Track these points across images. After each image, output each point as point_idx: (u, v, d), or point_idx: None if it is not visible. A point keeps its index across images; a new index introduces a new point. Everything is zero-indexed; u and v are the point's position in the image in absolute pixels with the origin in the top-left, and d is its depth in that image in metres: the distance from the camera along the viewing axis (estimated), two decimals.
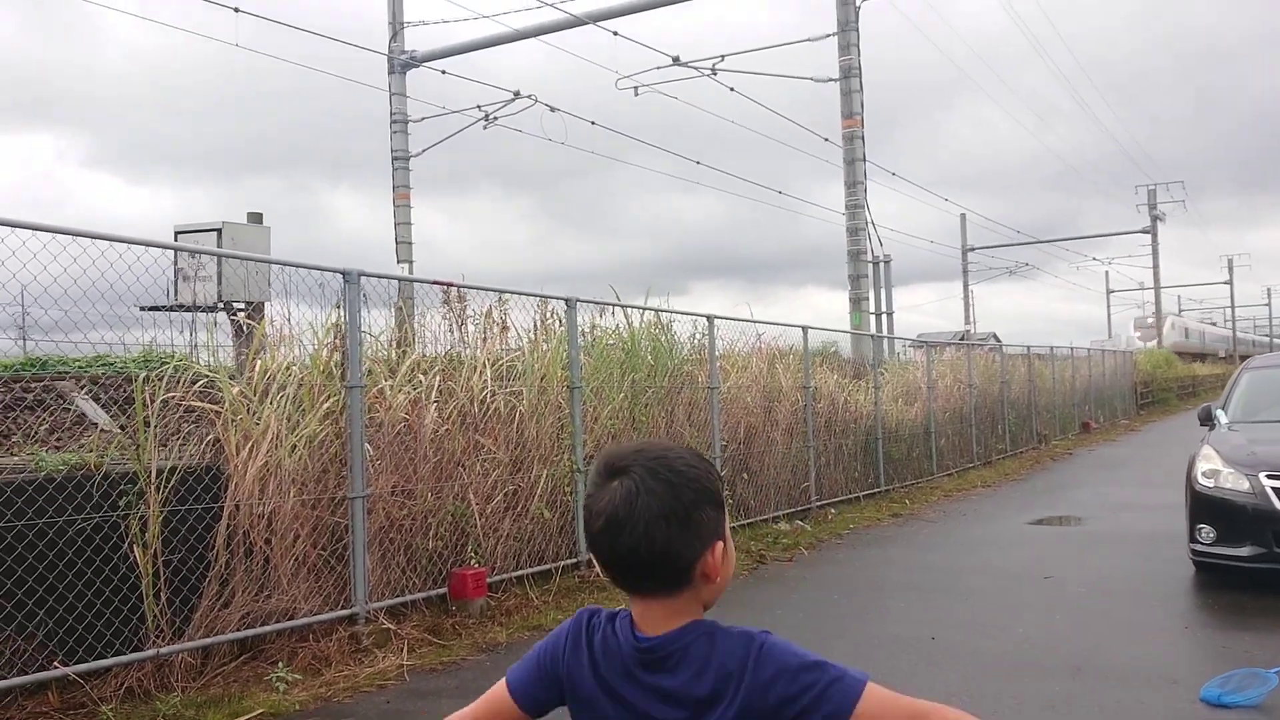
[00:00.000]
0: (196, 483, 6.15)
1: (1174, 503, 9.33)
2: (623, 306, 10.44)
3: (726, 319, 11.71)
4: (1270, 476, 7.66)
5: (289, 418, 6.65)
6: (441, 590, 7.39)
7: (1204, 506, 7.98)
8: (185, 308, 8.41)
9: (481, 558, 7.69)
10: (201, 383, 6.49)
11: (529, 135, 21.07)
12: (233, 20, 15.96)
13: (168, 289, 7.64)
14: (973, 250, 51.03)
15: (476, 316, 8.86)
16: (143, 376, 6.03)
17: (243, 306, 8.82)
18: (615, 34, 19.28)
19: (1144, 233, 55.34)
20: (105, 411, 8.08)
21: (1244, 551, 7.64)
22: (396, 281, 8.49)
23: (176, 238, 10.05)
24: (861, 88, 19.54)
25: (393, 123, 22.48)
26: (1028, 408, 23.19)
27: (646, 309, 10.78)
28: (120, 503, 5.74)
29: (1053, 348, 27.61)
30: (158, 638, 5.78)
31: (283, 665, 6.04)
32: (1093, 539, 10.74)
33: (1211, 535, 7.86)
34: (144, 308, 6.90)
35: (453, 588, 7.38)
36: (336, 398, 6.89)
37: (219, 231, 10.04)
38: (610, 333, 10.31)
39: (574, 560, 8.70)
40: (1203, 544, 7.92)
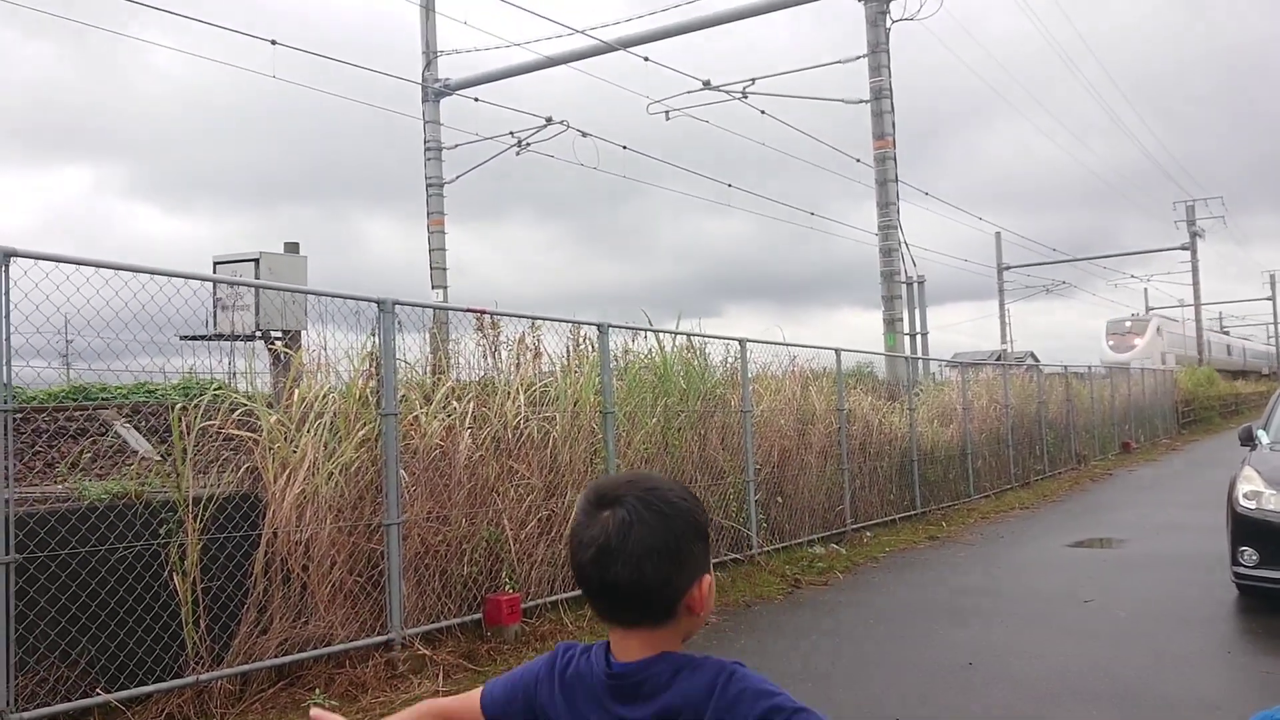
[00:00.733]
0: (235, 510, 6.24)
1: (1216, 524, 9.19)
2: (655, 331, 10.48)
3: (759, 342, 11.71)
4: None
5: (325, 445, 6.73)
6: (476, 616, 7.42)
7: (1246, 528, 7.86)
8: (224, 337, 8.54)
9: (516, 583, 7.72)
10: (240, 411, 6.59)
11: (561, 160, 21.24)
12: (270, 52, 16.24)
13: (207, 318, 7.77)
14: (1008, 269, 50.66)
15: (510, 342, 8.93)
16: (179, 406, 6.14)
17: (280, 335, 8.95)
18: (646, 59, 19.44)
19: (1183, 249, 54.74)
20: (146, 439, 8.21)
21: None
22: (430, 309, 8.58)
23: (215, 268, 10.23)
24: (893, 109, 19.52)
25: (427, 150, 22.73)
26: (1066, 428, 22.93)
27: (679, 333, 10.81)
28: (161, 530, 5.83)
29: (1090, 367, 27.30)
30: (198, 664, 5.85)
31: (319, 692, 6.10)
32: (1133, 562, 10.59)
33: (1254, 558, 7.73)
34: (184, 337, 7.03)
35: (488, 613, 7.41)
36: (372, 425, 6.97)
37: (257, 261, 10.20)
38: (643, 357, 10.34)
39: None
40: (1245, 567, 7.80)
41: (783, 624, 8.19)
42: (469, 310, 8.48)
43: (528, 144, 21.95)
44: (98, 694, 5.41)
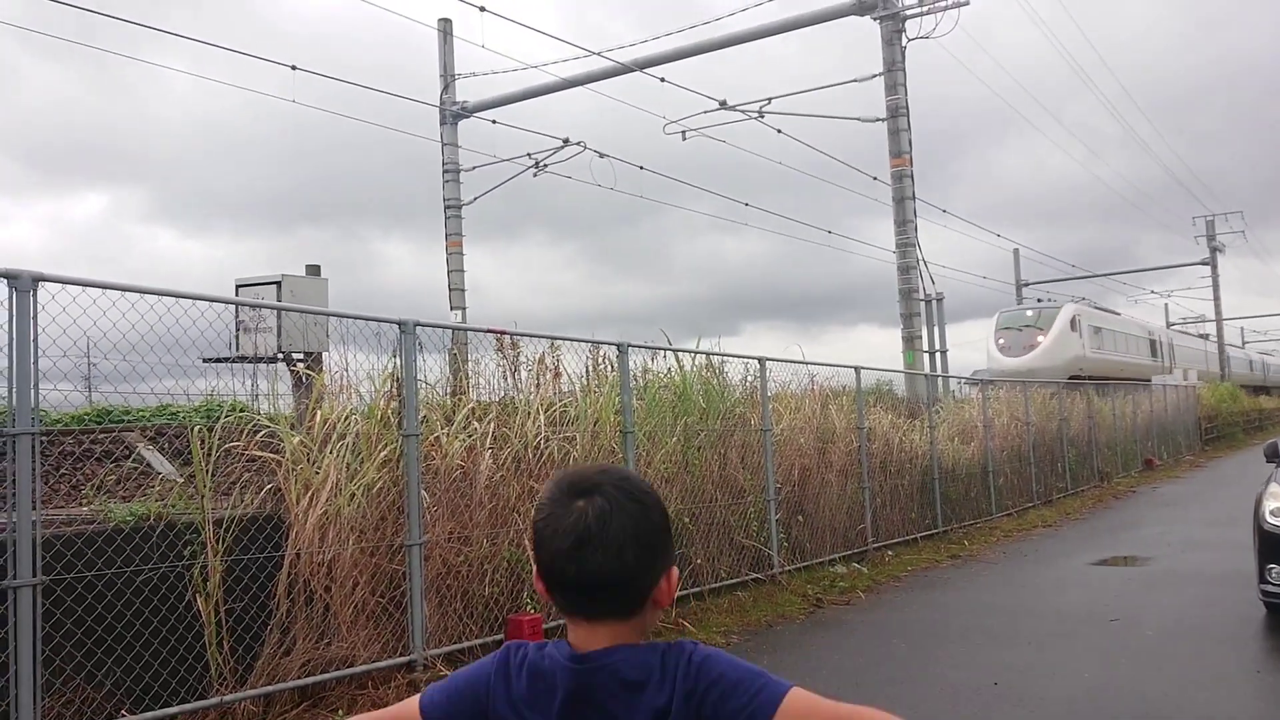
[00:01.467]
0: (259, 531, 6.26)
1: (1242, 541, 9.10)
2: (674, 350, 10.49)
3: (778, 360, 11.70)
4: None
5: (348, 466, 6.76)
6: (498, 636, 7.41)
7: (1273, 546, 7.77)
8: (246, 359, 8.60)
9: (537, 604, 7.71)
10: (263, 433, 6.63)
11: (578, 181, 21.36)
12: (289, 76, 16.42)
13: (230, 341, 7.83)
14: (1027, 285, 50.47)
15: (529, 363, 8.95)
16: (200, 429, 6.18)
17: (301, 357, 9.00)
18: (663, 80, 19.56)
19: (1203, 264, 54.45)
20: (169, 461, 8.27)
21: None
22: (451, 330, 8.62)
23: (238, 290, 10.31)
24: (909, 126, 19.55)
25: (445, 172, 22.89)
26: (1088, 445, 22.77)
27: (698, 352, 10.82)
28: (185, 552, 5.86)
29: (1111, 382, 27.09)
30: (221, 686, 5.87)
31: (342, 713, 6.10)
32: (1159, 580, 10.49)
33: None
34: (206, 360, 7.09)
35: (509, 634, 7.40)
36: (393, 446, 6.99)
37: (279, 284, 10.27)
38: (662, 376, 10.34)
39: None
40: (1273, 584, 7.71)
41: (805, 643, 8.14)
42: (489, 331, 8.52)
43: (545, 165, 22.10)
44: (123, 715, 5.43)
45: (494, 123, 22.09)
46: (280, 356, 9.26)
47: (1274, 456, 9.11)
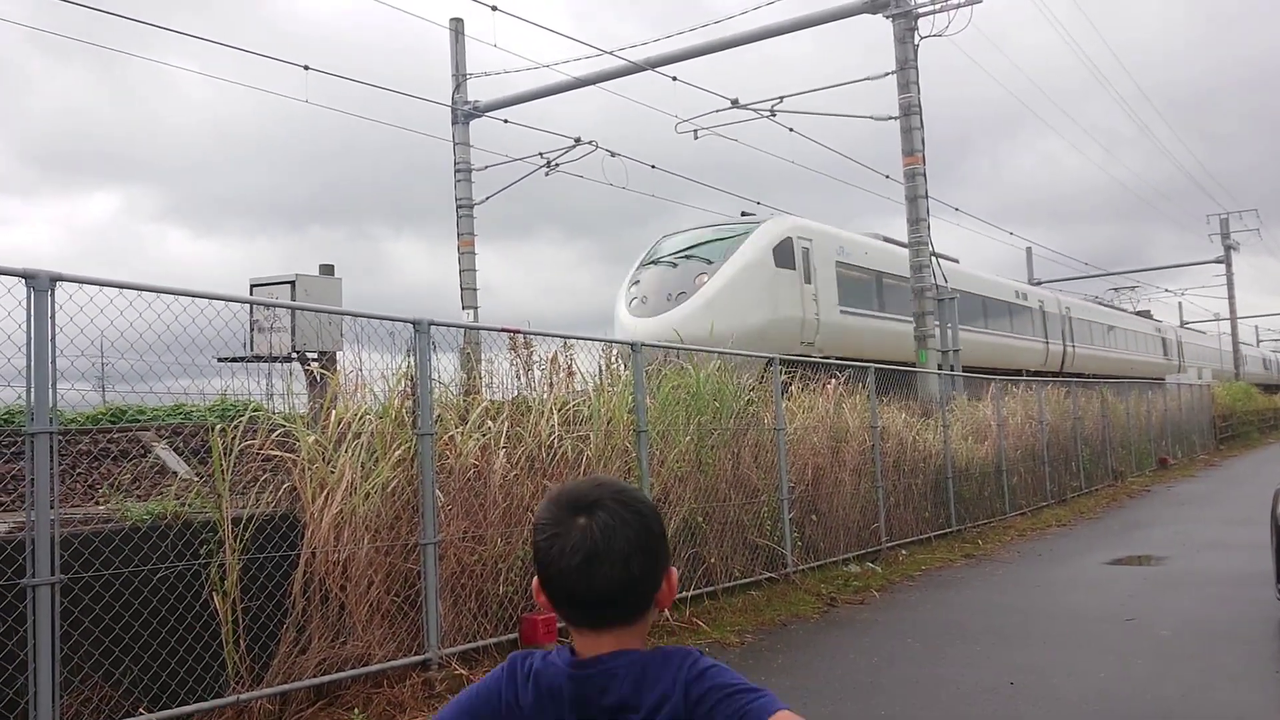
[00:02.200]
0: (274, 530, 6.28)
1: (1259, 541, 9.05)
2: (688, 349, 10.48)
3: (791, 358, 11.68)
4: None
5: (363, 465, 6.78)
6: (513, 635, 7.42)
7: None
8: (261, 358, 8.63)
9: None
10: (279, 432, 6.65)
11: (590, 180, 21.36)
12: (302, 77, 16.46)
13: (244, 340, 7.86)
14: (1039, 283, 50.28)
15: (542, 362, 8.96)
16: (218, 427, 6.21)
17: (316, 356, 9.03)
18: (675, 79, 19.53)
19: (1218, 262, 54.15)
20: (185, 461, 8.29)
21: None
22: (464, 329, 8.63)
23: (252, 290, 10.34)
24: (922, 125, 19.45)
25: (457, 172, 22.90)
26: (1102, 444, 22.68)
27: (712, 350, 10.81)
28: (201, 551, 5.89)
29: (1125, 381, 26.96)
30: (237, 684, 5.89)
31: (358, 711, 6.12)
32: (1174, 580, 10.44)
33: None
34: (221, 359, 7.12)
35: (524, 633, 7.41)
36: (408, 445, 7.01)
37: (293, 284, 10.30)
38: (675, 375, 10.34)
39: None
40: None
41: (819, 643, 8.13)
42: (503, 330, 8.53)
43: (557, 164, 22.09)
44: (140, 713, 5.45)
45: (506, 122, 22.09)
46: (295, 356, 9.29)
47: None
